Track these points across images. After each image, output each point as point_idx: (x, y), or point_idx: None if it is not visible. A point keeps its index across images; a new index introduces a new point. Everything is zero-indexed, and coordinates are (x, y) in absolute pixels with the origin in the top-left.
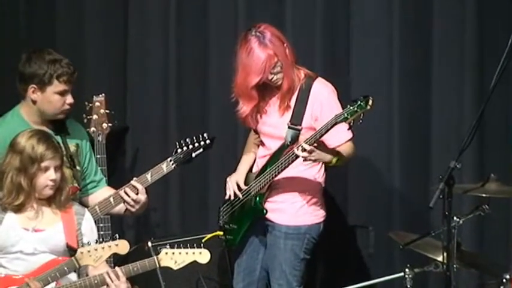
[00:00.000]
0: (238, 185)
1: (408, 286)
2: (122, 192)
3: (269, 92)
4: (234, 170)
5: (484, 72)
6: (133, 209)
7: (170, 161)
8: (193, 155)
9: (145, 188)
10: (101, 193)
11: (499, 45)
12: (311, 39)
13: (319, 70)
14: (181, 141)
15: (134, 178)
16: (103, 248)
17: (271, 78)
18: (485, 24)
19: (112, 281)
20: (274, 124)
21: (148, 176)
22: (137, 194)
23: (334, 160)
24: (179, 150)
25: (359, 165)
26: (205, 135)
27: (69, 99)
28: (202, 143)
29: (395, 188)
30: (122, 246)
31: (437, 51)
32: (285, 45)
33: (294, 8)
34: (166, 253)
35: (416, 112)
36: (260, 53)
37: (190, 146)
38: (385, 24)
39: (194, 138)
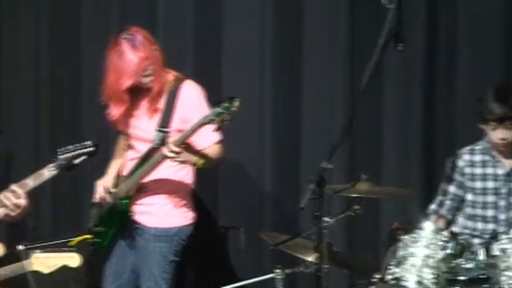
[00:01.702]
0: (107, 188)
1: (279, 287)
2: (1, 196)
3: (138, 95)
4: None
5: (355, 74)
6: (13, 213)
7: (51, 167)
8: (76, 162)
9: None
10: None
11: (370, 46)
12: (181, 40)
13: (190, 71)
14: (64, 148)
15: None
16: None
17: (143, 81)
18: (355, 25)
19: None
20: (143, 127)
21: (29, 181)
22: (18, 198)
23: (201, 162)
24: (61, 157)
25: (230, 167)
26: (88, 142)
27: None
28: (85, 150)
29: (266, 189)
30: None
31: (307, 53)
32: (156, 48)
33: (165, 9)
34: (37, 257)
35: (287, 113)
36: (132, 56)
37: (73, 153)
38: (257, 35)
39: (77, 145)
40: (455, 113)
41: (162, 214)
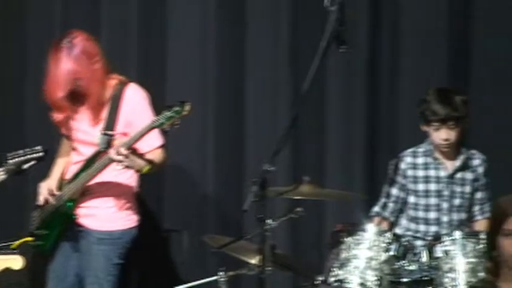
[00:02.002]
0: (51, 191)
1: None
2: None
3: (81, 99)
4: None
5: (298, 75)
6: None
7: (1, 171)
8: (25, 166)
9: None
10: None
11: (313, 47)
12: (125, 43)
13: (133, 74)
14: (14, 153)
15: None
16: None
17: (77, 91)
18: (299, 27)
19: None
20: (87, 130)
21: None
22: None
23: (146, 168)
24: (10, 161)
25: (173, 169)
26: (38, 147)
27: None
28: (34, 155)
29: (209, 192)
30: None
31: (250, 55)
32: (95, 60)
33: (109, 11)
34: None
35: (230, 115)
36: (66, 66)
37: (22, 158)
38: (201, 36)
39: (27, 150)
40: (398, 115)
41: (106, 217)
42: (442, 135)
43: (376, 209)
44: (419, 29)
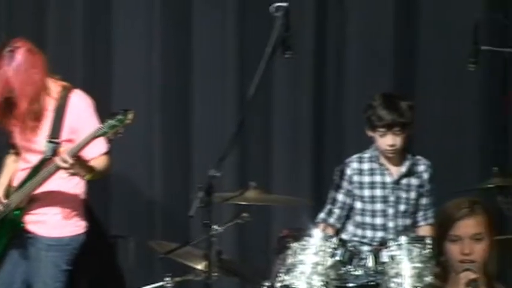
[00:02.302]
0: None
1: None
2: None
3: (17, 108)
4: None
5: (245, 81)
6: None
7: None
8: None
9: None
10: None
11: (260, 53)
12: (70, 49)
13: (79, 80)
14: None
15: None
16: None
17: (12, 99)
18: (246, 32)
19: None
20: (30, 139)
21: None
22: None
23: (90, 174)
24: None
25: (120, 176)
26: None
27: None
28: None
29: (156, 198)
30: None
31: (197, 61)
32: (35, 71)
33: (54, 18)
34: None
35: (177, 121)
36: (2, 74)
37: None
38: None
39: None
40: (344, 120)
41: (54, 223)
42: (387, 141)
43: (322, 215)
44: (365, 33)
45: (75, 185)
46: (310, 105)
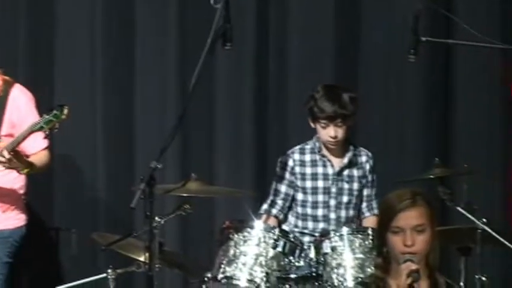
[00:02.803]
0: None
1: (111, 287)
2: None
3: None
4: None
5: (186, 73)
6: None
7: None
8: None
9: None
10: None
11: (201, 45)
12: (13, 43)
13: (21, 75)
14: None
15: None
16: None
17: None
18: (186, 24)
19: None
20: None
21: None
22: None
23: (27, 170)
24: None
25: (62, 167)
26: None
27: None
28: None
29: (99, 189)
30: None
31: (139, 55)
32: None
33: None
34: None
35: (119, 114)
36: None
37: None
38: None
39: None
40: (287, 112)
41: None
42: (329, 132)
43: (265, 206)
44: (306, 25)
45: (15, 178)
46: (252, 96)
